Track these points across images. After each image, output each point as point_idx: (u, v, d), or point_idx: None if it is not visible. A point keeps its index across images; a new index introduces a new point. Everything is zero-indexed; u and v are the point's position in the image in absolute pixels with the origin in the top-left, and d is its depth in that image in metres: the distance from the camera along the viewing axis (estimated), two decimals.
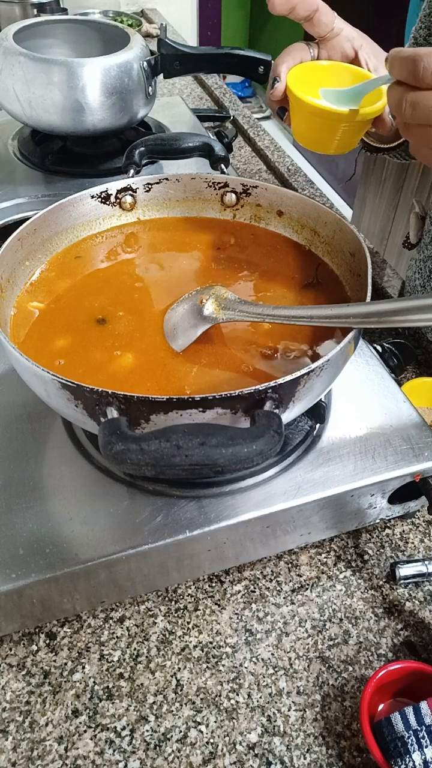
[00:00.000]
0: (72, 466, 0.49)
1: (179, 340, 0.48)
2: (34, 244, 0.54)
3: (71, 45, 0.97)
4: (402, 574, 0.51)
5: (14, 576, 0.42)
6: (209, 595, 0.51)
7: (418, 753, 0.39)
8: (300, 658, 0.47)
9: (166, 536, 0.44)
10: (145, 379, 0.46)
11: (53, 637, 0.48)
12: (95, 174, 0.89)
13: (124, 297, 0.53)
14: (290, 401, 0.40)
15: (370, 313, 0.41)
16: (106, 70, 0.81)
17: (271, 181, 1.06)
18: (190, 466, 0.33)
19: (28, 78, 0.79)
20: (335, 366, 0.43)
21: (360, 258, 0.50)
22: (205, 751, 0.43)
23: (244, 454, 0.34)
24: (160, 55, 0.86)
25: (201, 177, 0.61)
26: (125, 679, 0.46)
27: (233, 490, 0.48)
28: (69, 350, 0.48)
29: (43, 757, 0.42)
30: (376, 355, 0.59)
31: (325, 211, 0.55)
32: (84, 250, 0.59)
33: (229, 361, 0.47)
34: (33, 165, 0.91)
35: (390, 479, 0.49)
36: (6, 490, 0.47)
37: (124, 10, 1.83)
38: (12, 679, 0.46)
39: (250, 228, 0.62)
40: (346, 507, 0.50)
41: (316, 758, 0.43)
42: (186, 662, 0.47)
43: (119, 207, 0.60)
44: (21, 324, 0.50)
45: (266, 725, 0.44)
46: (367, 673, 0.47)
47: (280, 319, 0.45)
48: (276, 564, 0.53)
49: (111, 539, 0.44)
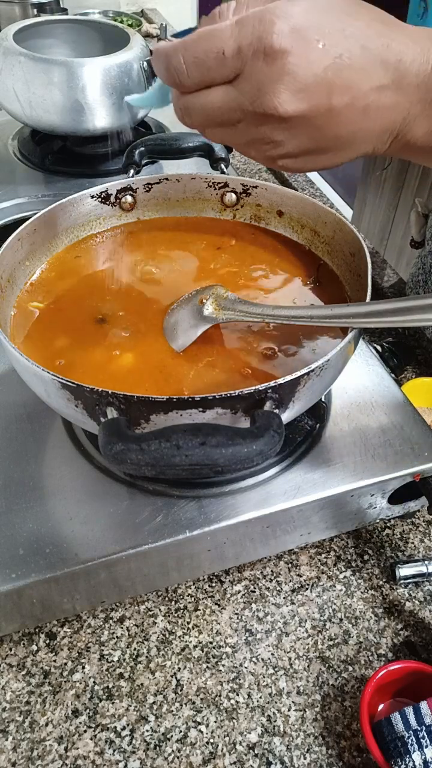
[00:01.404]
0: (72, 466, 0.49)
1: (179, 340, 0.48)
2: (34, 244, 0.54)
3: (71, 45, 0.97)
4: (402, 574, 0.51)
5: (14, 576, 0.42)
6: (209, 595, 0.51)
7: (418, 753, 0.39)
8: (300, 658, 0.47)
9: (166, 536, 0.44)
10: (145, 379, 0.46)
11: (53, 637, 0.48)
12: (95, 174, 0.89)
13: (124, 297, 0.53)
14: (290, 401, 0.40)
15: (370, 313, 0.41)
16: (106, 70, 0.81)
17: (271, 181, 1.06)
18: (190, 466, 0.33)
19: (28, 78, 0.79)
20: (335, 366, 0.43)
21: (360, 258, 0.50)
22: (205, 751, 0.43)
23: (244, 454, 0.34)
24: None
25: (201, 177, 0.61)
26: (125, 679, 0.46)
27: (233, 490, 0.48)
28: (69, 350, 0.48)
29: (43, 757, 0.42)
30: (376, 355, 0.59)
31: (325, 210, 0.55)
32: (84, 250, 0.58)
33: (229, 361, 0.47)
34: (33, 165, 0.91)
35: (390, 479, 0.49)
36: (6, 490, 0.47)
37: (124, 10, 1.83)
38: (12, 679, 0.46)
39: (250, 228, 0.62)
40: (346, 507, 0.50)
41: (316, 758, 0.43)
42: (186, 662, 0.47)
43: (119, 207, 0.60)
44: (21, 324, 0.50)
45: (266, 725, 0.44)
46: (367, 673, 0.47)
47: (280, 319, 0.45)
48: (276, 564, 0.53)
49: (111, 539, 0.44)
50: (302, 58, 0.31)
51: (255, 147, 0.36)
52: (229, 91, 0.33)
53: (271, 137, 0.35)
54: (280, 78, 0.31)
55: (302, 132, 0.34)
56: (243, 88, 0.33)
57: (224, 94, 0.34)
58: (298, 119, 0.33)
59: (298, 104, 0.32)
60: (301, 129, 0.34)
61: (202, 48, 0.33)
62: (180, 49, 0.33)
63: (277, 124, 0.34)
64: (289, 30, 0.31)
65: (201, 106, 0.35)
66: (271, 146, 0.35)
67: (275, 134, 0.34)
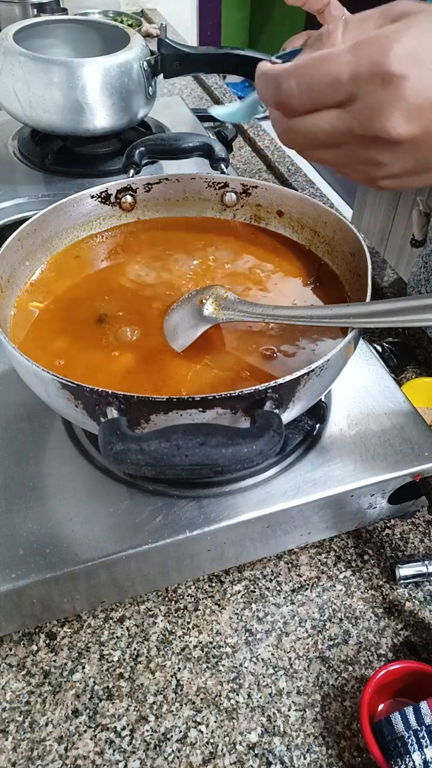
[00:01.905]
0: (72, 466, 0.49)
1: (179, 340, 0.48)
2: (34, 244, 0.54)
3: (71, 45, 0.97)
4: (402, 574, 0.51)
5: (14, 576, 0.42)
6: (209, 595, 0.51)
7: (418, 753, 0.39)
8: (300, 658, 0.47)
9: (166, 536, 0.44)
10: (145, 379, 0.46)
11: (53, 637, 0.48)
12: (95, 174, 0.89)
13: (123, 297, 0.53)
14: (290, 401, 0.40)
15: (370, 313, 0.41)
16: (106, 70, 0.81)
17: (271, 181, 1.06)
18: (190, 466, 0.33)
19: (28, 78, 0.79)
20: (335, 366, 0.43)
21: (360, 258, 0.50)
22: (205, 751, 0.43)
23: (244, 454, 0.34)
24: (160, 55, 0.86)
25: (201, 177, 0.61)
26: (125, 679, 0.46)
27: (233, 490, 0.48)
28: (69, 350, 0.48)
29: (43, 757, 0.42)
30: (376, 355, 0.59)
31: (325, 210, 0.55)
32: (84, 250, 0.58)
33: (229, 361, 0.47)
34: (33, 165, 0.91)
35: (390, 479, 0.49)
36: (6, 490, 0.47)
37: (124, 10, 1.83)
38: (12, 679, 0.46)
39: (250, 228, 0.62)
40: (346, 507, 0.50)
41: (316, 758, 0.43)
42: (186, 662, 0.47)
43: (119, 207, 0.60)
44: (21, 324, 0.50)
45: (266, 725, 0.44)
46: (367, 673, 0.47)
47: (280, 319, 0.45)
48: (276, 564, 0.53)
49: (111, 539, 0.44)
50: (418, 83, 0.31)
51: (358, 169, 0.37)
52: (339, 115, 0.34)
53: (378, 159, 0.35)
54: (396, 102, 0.32)
55: (410, 155, 0.34)
56: (355, 112, 0.33)
57: (334, 118, 0.34)
58: (408, 143, 0.33)
59: (411, 128, 0.32)
60: (409, 152, 0.34)
61: (318, 74, 0.33)
62: (293, 73, 0.34)
63: (385, 147, 0.34)
64: (407, 54, 0.31)
65: (307, 130, 0.35)
66: (376, 168, 0.36)
67: (382, 157, 0.35)
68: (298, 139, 0.36)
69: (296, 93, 0.34)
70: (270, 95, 0.35)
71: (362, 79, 0.32)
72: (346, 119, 0.34)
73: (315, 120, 0.35)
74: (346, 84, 0.32)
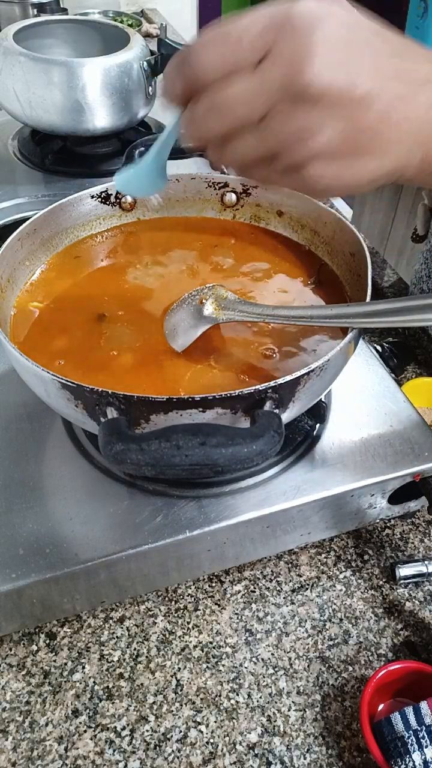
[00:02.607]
0: (72, 466, 0.49)
1: (179, 340, 0.48)
2: (34, 244, 0.54)
3: (71, 45, 0.97)
4: (402, 574, 0.51)
5: (14, 576, 0.42)
6: (209, 595, 0.51)
7: (418, 753, 0.39)
8: (300, 658, 0.47)
9: (166, 536, 0.44)
10: (145, 379, 0.46)
11: (53, 637, 0.48)
12: (95, 174, 0.89)
13: (124, 297, 0.53)
14: (290, 401, 0.40)
15: (370, 313, 0.41)
16: (106, 70, 0.81)
17: None
18: (190, 466, 0.33)
19: (28, 78, 0.79)
20: (335, 366, 0.43)
21: (360, 258, 0.50)
22: (205, 751, 0.43)
23: (244, 454, 0.34)
24: (160, 55, 0.86)
25: (201, 177, 0.61)
26: (125, 679, 0.46)
27: (233, 490, 0.48)
28: (69, 350, 0.48)
29: (43, 757, 0.42)
30: (376, 355, 0.59)
31: (326, 210, 0.55)
32: (84, 250, 0.58)
33: (229, 361, 0.47)
34: (33, 165, 0.91)
35: (390, 479, 0.49)
36: (6, 490, 0.47)
37: (124, 10, 1.83)
38: (12, 679, 0.46)
39: (250, 228, 0.62)
40: (346, 507, 0.50)
41: (316, 758, 0.43)
42: (186, 662, 0.47)
43: (119, 207, 0.60)
44: (21, 324, 0.50)
45: (266, 725, 0.44)
46: (367, 673, 0.47)
47: (280, 319, 0.45)
48: (276, 564, 0.53)
49: (111, 539, 0.44)
50: (332, 30, 0.30)
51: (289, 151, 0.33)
52: (255, 76, 0.31)
53: (306, 122, 0.32)
54: (312, 49, 0.30)
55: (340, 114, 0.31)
56: (272, 70, 0.30)
57: (250, 80, 0.31)
58: (336, 96, 0.31)
59: (334, 76, 0.30)
60: (338, 110, 0.31)
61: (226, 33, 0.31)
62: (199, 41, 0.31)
63: (312, 104, 0.31)
64: (312, 7, 0.30)
65: (222, 101, 0.31)
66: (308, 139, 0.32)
67: (310, 117, 0.31)
68: (216, 119, 0.32)
69: (205, 57, 0.31)
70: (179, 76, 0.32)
71: (274, 30, 0.30)
72: (264, 77, 0.31)
73: (229, 86, 0.31)
74: (258, 38, 0.30)
